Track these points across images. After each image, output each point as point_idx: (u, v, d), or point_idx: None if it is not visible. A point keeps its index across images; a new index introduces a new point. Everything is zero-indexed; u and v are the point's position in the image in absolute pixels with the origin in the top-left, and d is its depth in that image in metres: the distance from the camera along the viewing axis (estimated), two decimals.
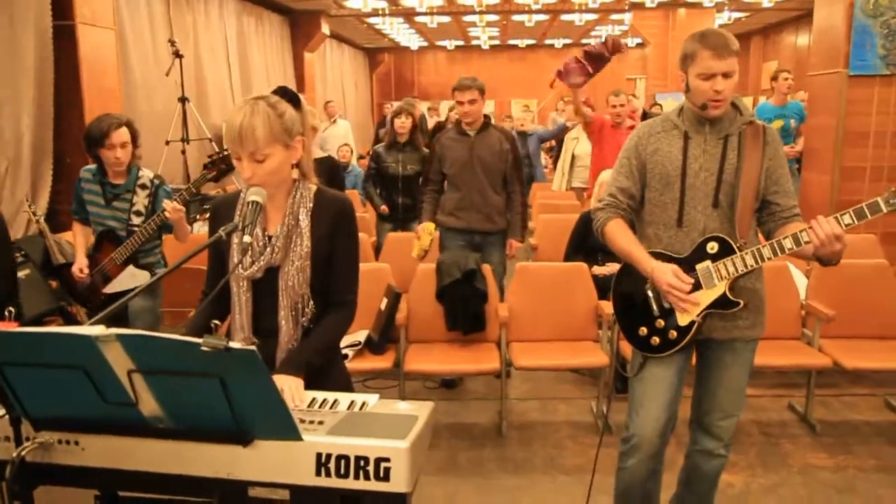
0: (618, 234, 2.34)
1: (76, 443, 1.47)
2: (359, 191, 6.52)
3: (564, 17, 12.45)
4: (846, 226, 2.01)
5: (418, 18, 12.62)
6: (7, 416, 1.43)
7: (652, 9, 11.02)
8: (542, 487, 3.16)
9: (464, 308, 3.78)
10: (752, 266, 2.16)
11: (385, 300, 3.80)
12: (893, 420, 3.83)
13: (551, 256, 4.81)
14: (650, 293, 2.30)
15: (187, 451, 1.41)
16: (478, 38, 16.05)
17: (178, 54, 6.16)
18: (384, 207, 5.40)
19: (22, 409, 1.41)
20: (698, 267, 2.21)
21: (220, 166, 3.11)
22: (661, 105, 10.56)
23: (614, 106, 5.59)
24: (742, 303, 2.19)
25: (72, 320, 4.14)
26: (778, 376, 4.18)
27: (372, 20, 12.81)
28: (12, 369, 1.33)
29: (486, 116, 4.24)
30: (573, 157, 6.61)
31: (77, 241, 3.44)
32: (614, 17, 12.41)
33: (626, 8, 11.67)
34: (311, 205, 1.91)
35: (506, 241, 4.33)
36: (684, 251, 2.25)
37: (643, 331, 2.32)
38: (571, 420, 3.85)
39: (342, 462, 1.37)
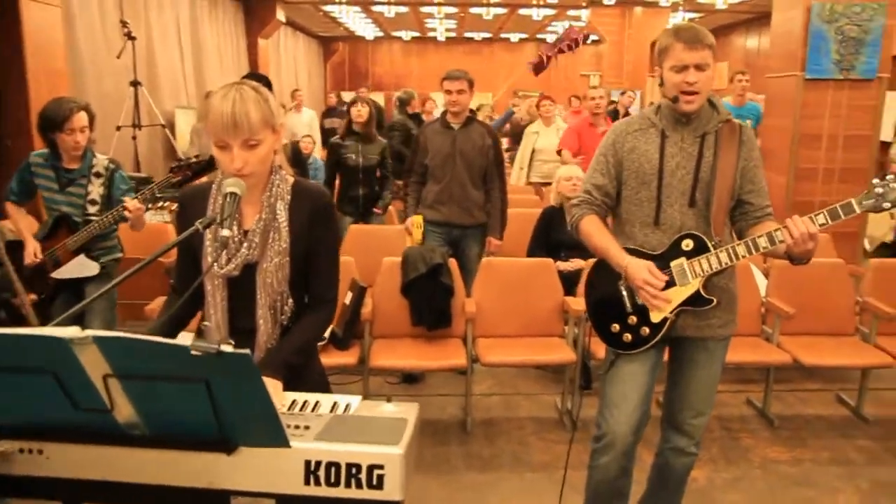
0: (592, 230, 2.33)
1: (40, 451, 1.36)
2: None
3: (522, 11, 12.46)
4: (820, 226, 2.04)
5: (375, 8, 12.46)
6: None
7: (609, 6, 11.12)
8: (509, 484, 3.15)
9: (429, 303, 3.73)
10: (726, 264, 2.17)
11: (350, 294, 3.72)
12: (844, 414, 3.94)
13: (512, 251, 4.79)
14: (623, 290, 2.29)
15: (165, 460, 1.32)
16: (434, 29, 15.96)
17: (130, 36, 5.93)
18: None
19: None
20: (673, 264, 2.22)
21: (186, 172, 3.02)
22: (616, 101, 10.67)
23: (594, 98, 5.60)
24: (715, 301, 2.20)
25: (16, 315, 3.96)
26: (736, 372, 4.26)
27: (328, 8, 12.59)
28: None
29: (471, 111, 4.21)
30: (533, 151, 6.60)
31: (20, 225, 3.31)
32: (571, 12, 12.48)
33: (584, 4, 11.76)
34: (289, 197, 1.84)
35: (484, 235, 4.31)
36: (660, 248, 2.25)
37: (615, 327, 2.32)
38: (535, 416, 3.85)
39: (332, 470, 1.31)
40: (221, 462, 1.31)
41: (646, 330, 2.26)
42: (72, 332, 1.14)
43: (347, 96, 16.06)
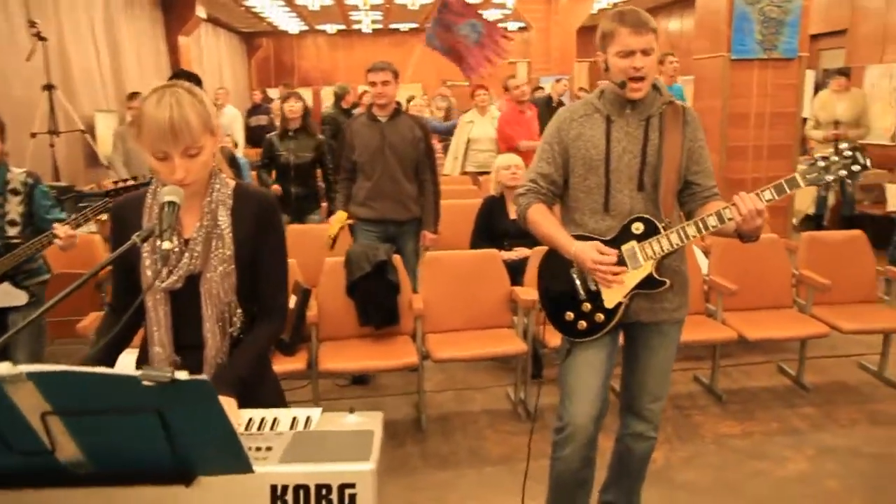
0: (539, 219, 2.30)
1: None
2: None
3: None
4: (767, 201, 2.05)
5: (298, 1, 12.18)
6: None
7: None
8: (469, 480, 3.11)
9: (376, 302, 3.65)
10: (677, 245, 2.17)
11: (294, 298, 3.60)
12: (787, 384, 4.06)
13: (450, 243, 4.74)
14: (575, 277, 2.27)
15: (117, 497, 1.21)
16: (360, 22, 15.73)
17: (40, 37, 5.58)
18: (276, 187, 5.15)
19: None
20: (623, 247, 2.20)
21: (129, 188, 2.84)
22: (543, 87, 10.74)
23: (517, 87, 5.59)
24: (668, 282, 2.20)
25: None
26: (682, 350, 4.31)
27: (250, 2, 12.24)
28: None
29: (397, 103, 4.10)
30: (468, 140, 6.56)
31: None
32: (497, 0, 12.49)
33: None
34: (231, 202, 1.73)
35: (419, 229, 4.23)
36: (608, 235, 2.23)
37: (569, 315, 2.29)
38: (489, 409, 3.82)
39: (301, 493, 1.22)
40: (180, 494, 1.21)
41: (600, 316, 2.24)
42: (2, 369, 1.02)
43: (274, 93, 15.76)
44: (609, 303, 2.22)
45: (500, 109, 6.92)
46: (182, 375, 1.02)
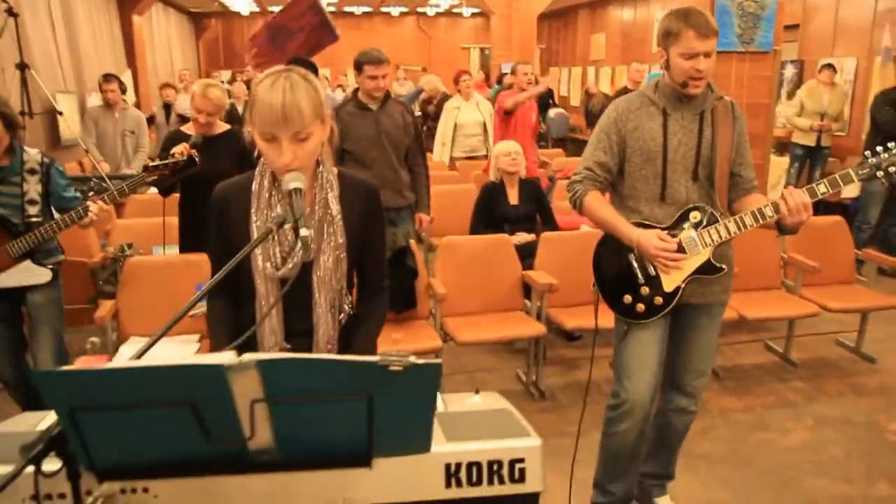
0: (597, 205, 2.41)
1: (145, 490, 1.26)
2: None
3: None
4: (822, 194, 2.22)
5: None
6: (64, 471, 1.19)
7: None
8: None
9: (397, 287, 3.70)
10: (734, 233, 2.32)
11: None
12: (774, 360, 4.33)
13: (444, 229, 4.83)
14: (634, 262, 2.40)
15: (293, 483, 1.26)
16: None
17: (11, 13, 5.33)
18: None
19: (88, 459, 1.16)
20: (682, 235, 2.34)
21: (163, 172, 2.80)
22: (506, 74, 10.86)
23: (526, 73, 5.66)
24: (725, 268, 2.36)
25: None
26: None
27: None
28: (87, 416, 1.09)
29: (385, 91, 4.05)
30: (455, 125, 6.62)
31: None
32: None
33: None
34: (338, 189, 1.77)
35: (412, 215, 4.25)
36: (665, 222, 2.36)
37: (627, 299, 2.42)
38: (503, 390, 3.90)
39: (473, 469, 1.30)
40: (359, 477, 1.27)
41: (659, 299, 2.38)
42: (228, 358, 1.05)
43: (225, 75, 15.38)
44: (668, 287, 2.36)
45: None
46: (419, 361, 1.07)
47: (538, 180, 5.10)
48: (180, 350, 3.37)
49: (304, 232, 1.49)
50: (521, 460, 1.32)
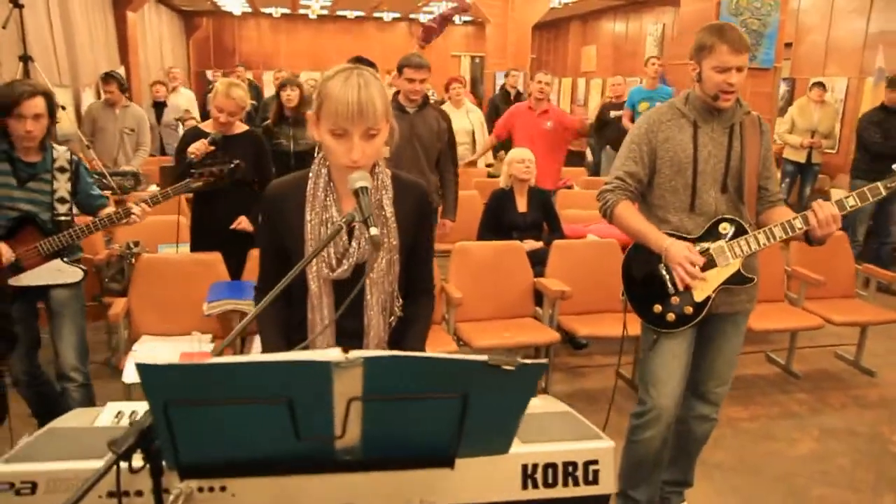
0: (629, 214, 2.45)
1: (223, 488, 1.26)
2: None
3: None
4: (850, 207, 2.27)
5: None
6: (148, 467, 1.18)
7: None
8: None
9: None
10: (764, 245, 2.36)
11: None
12: (776, 371, 4.40)
13: (450, 235, 4.84)
14: (664, 272, 2.43)
15: (371, 483, 1.26)
16: (307, 6, 15.47)
17: (17, 4, 5.27)
18: None
19: (174, 456, 1.16)
20: (713, 246, 2.38)
21: (208, 179, 2.80)
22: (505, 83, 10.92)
23: (540, 81, 5.70)
24: (755, 279, 2.40)
25: None
26: None
27: None
28: (181, 410, 1.09)
29: (424, 95, 4.14)
30: None
31: None
32: None
33: None
34: (392, 191, 1.78)
35: (437, 219, 4.31)
36: (695, 233, 2.40)
37: (658, 308, 2.45)
38: None
39: (549, 470, 1.32)
40: (439, 477, 1.28)
41: (689, 309, 2.41)
42: (336, 355, 1.06)
43: (211, 75, 15.29)
44: (699, 297, 2.40)
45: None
46: (527, 361, 1.09)
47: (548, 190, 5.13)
48: (192, 350, 3.35)
49: (373, 231, 1.47)
50: (595, 462, 1.34)
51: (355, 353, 1.07)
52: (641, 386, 2.54)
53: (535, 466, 1.32)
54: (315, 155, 5.36)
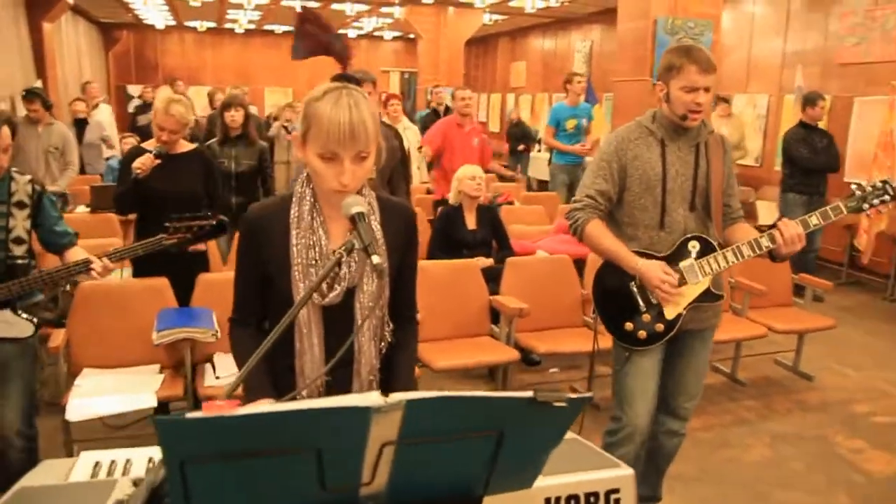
0: (599, 233, 2.46)
1: None
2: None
3: (335, 6, 12.30)
4: (813, 226, 2.35)
5: None
6: None
7: (426, 4, 11.40)
8: None
9: None
10: (732, 262, 2.42)
11: None
12: (723, 380, 4.53)
13: None
14: (635, 290, 2.45)
15: None
16: (234, 20, 15.15)
17: None
18: None
19: None
20: (682, 264, 2.42)
21: (185, 235, 2.60)
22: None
23: (462, 98, 5.71)
24: (724, 295, 2.45)
25: None
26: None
27: None
28: (199, 468, 0.99)
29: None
30: None
31: None
32: (385, 9, 12.56)
33: (397, 2, 11.91)
34: (378, 214, 1.72)
35: None
36: (664, 250, 2.44)
37: (629, 326, 2.47)
38: None
39: (572, 503, 1.29)
40: None
41: (660, 326, 2.44)
42: (375, 399, 0.99)
43: (134, 90, 14.71)
44: (670, 314, 2.43)
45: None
46: (572, 395, 1.05)
47: (495, 206, 5.15)
48: (141, 383, 3.18)
49: (376, 259, 1.41)
50: (617, 490, 1.32)
51: (396, 396, 1.01)
52: (616, 404, 2.55)
53: (557, 499, 1.29)
54: (255, 178, 5.19)
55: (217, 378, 3.21)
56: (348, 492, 1.11)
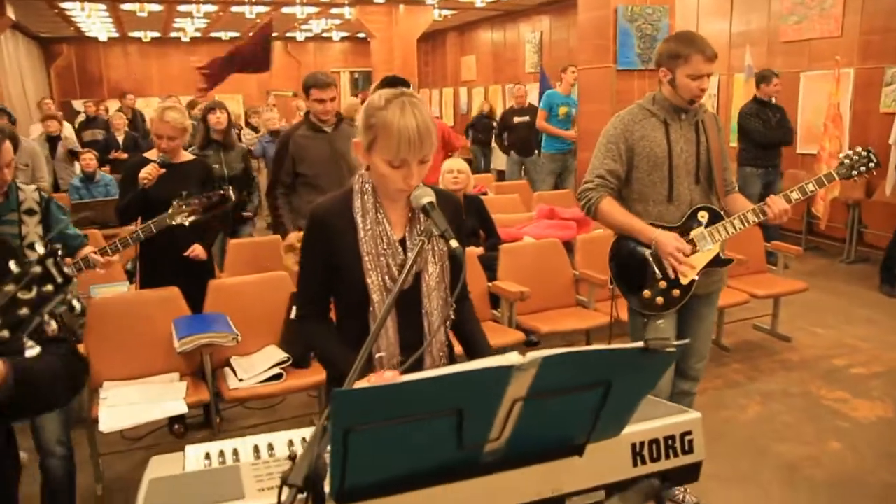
0: (613, 209, 2.64)
1: None
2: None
3: (286, 9, 12.24)
4: (795, 200, 2.59)
5: (125, 6, 11.31)
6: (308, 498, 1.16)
7: (378, 4, 11.45)
8: None
9: None
10: (740, 228, 2.62)
11: (294, 309, 3.57)
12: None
13: None
14: (651, 259, 2.63)
15: (504, 481, 1.30)
16: (181, 29, 14.90)
17: None
18: None
19: (340, 483, 1.14)
20: (694, 233, 2.61)
21: (195, 208, 2.64)
22: None
23: None
24: (734, 259, 2.65)
25: None
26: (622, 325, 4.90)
27: (66, 5, 11.14)
28: (359, 435, 1.08)
29: (337, 112, 4.03)
30: None
31: None
32: (335, 10, 12.55)
33: (347, 2, 11.92)
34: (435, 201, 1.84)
35: None
36: (674, 221, 2.62)
37: (647, 294, 2.65)
38: None
39: (654, 446, 1.43)
40: (562, 466, 1.34)
41: (676, 292, 2.63)
42: (516, 358, 1.11)
43: (79, 105, 14.35)
44: (685, 279, 2.61)
45: None
46: (678, 343, 1.20)
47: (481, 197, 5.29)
48: (165, 390, 3.22)
49: (454, 244, 1.54)
50: (690, 433, 1.47)
51: (532, 354, 1.13)
52: None
53: (641, 444, 1.43)
54: (247, 178, 5.20)
55: (241, 381, 3.28)
56: (477, 449, 1.23)
